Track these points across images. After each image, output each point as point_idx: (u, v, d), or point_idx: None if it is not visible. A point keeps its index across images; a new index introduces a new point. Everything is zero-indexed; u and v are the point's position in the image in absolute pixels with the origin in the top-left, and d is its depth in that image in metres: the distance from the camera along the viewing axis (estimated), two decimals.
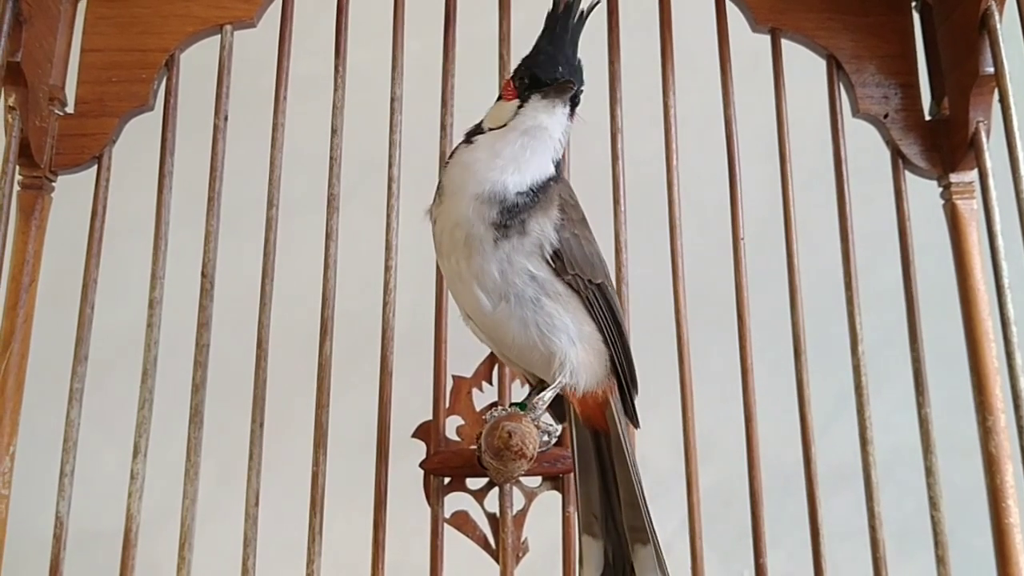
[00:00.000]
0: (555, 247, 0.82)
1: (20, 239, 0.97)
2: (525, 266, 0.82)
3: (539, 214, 0.82)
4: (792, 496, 0.98)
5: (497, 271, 0.81)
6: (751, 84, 1.08)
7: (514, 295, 0.82)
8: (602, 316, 0.85)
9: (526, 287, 0.82)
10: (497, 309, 0.83)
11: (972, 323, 0.98)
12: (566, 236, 0.82)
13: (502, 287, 0.82)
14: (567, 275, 0.83)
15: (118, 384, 1.04)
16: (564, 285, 0.83)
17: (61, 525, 0.93)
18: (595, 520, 0.89)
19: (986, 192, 0.95)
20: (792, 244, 1.02)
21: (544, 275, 0.82)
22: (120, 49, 1.04)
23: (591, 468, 0.89)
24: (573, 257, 0.83)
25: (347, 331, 1.02)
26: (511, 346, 0.85)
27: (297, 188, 1.07)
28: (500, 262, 0.81)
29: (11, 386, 0.94)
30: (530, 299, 0.82)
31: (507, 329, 0.83)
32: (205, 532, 0.96)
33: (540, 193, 0.82)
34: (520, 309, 0.82)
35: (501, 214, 0.81)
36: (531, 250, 0.82)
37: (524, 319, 0.82)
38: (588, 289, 0.84)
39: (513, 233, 0.81)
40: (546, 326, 0.82)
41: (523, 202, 0.81)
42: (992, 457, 0.95)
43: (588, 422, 0.90)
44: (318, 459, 0.96)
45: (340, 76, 1.05)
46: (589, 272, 0.84)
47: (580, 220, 0.85)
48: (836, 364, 1.02)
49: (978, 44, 0.96)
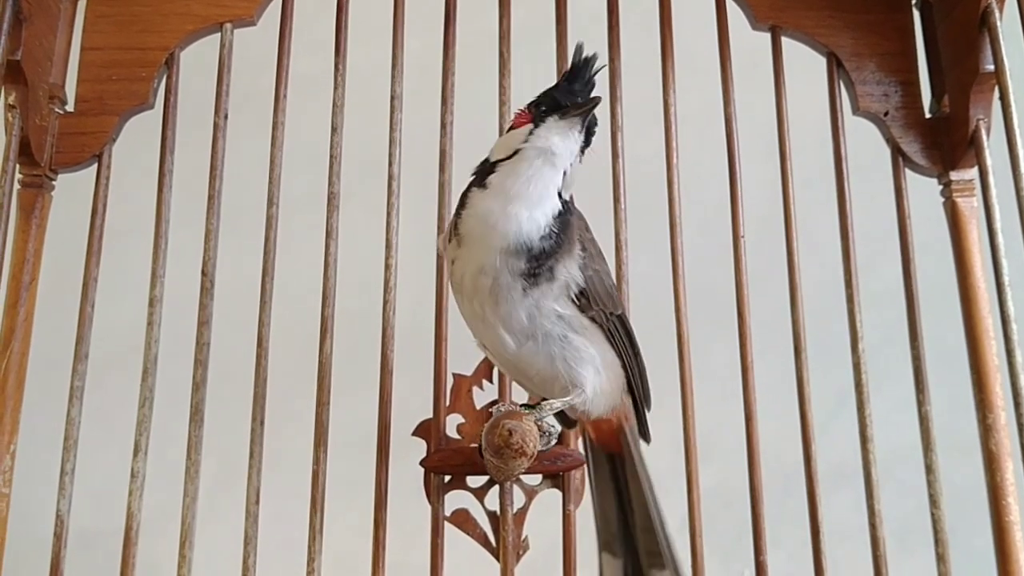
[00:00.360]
0: (581, 287, 0.82)
1: (20, 238, 0.97)
2: (553, 308, 0.82)
3: (565, 257, 0.81)
4: (792, 495, 0.99)
5: (526, 316, 0.81)
6: (751, 82, 1.08)
7: (542, 334, 0.82)
8: (622, 344, 0.86)
9: (553, 327, 0.82)
10: (523, 348, 0.83)
11: (972, 321, 0.98)
12: (589, 274, 0.83)
13: (529, 329, 0.82)
14: (592, 311, 0.83)
15: (118, 382, 1.04)
16: (588, 320, 0.84)
17: (62, 523, 0.93)
18: (613, 539, 0.89)
19: (986, 190, 0.95)
20: (792, 242, 1.02)
21: (571, 313, 0.82)
22: (120, 47, 1.04)
23: (608, 490, 0.90)
24: (596, 294, 0.83)
25: (347, 329, 1.02)
26: (532, 377, 0.86)
27: (297, 187, 1.07)
28: (528, 308, 0.81)
29: (12, 384, 0.94)
30: (557, 336, 0.82)
31: (532, 363, 0.84)
32: (205, 530, 0.96)
33: (562, 233, 0.81)
34: (547, 346, 0.82)
35: (529, 263, 0.80)
36: (559, 293, 0.82)
37: (551, 355, 0.83)
38: (610, 321, 0.85)
39: (543, 280, 0.80)
40: (574, 360, 0.83)
41: (548, 247, 0.80)
42: (992, 455, 0.95)
43: (603, 446, 0.90)
44: (319, 457, 0.96)
45: (340, 74, 1.05)
46: (611, 305, 0.85)
47: (598, 254, 0.86)
48: (836, 362, 1.02)
49: (978, 41, 0.96)
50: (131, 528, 0.94)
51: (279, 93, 1.04)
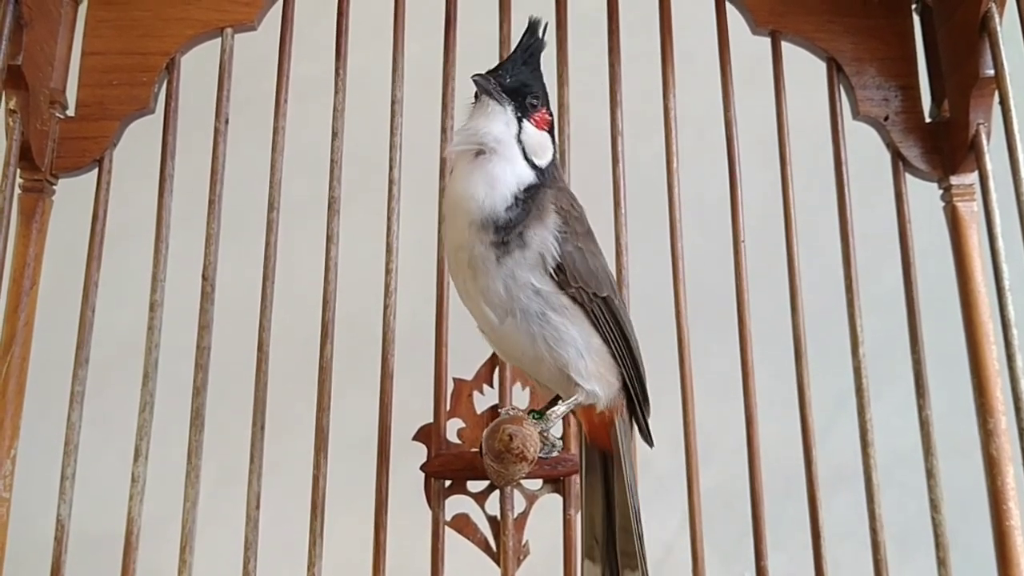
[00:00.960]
0: (558, 260, 0.82)
1: (21, 242, 0.97)
2: (529, 280, 0.82)
3: (535, 224, 0.82)
4: (793, 498, 0.98)
5: (502, 287, 0.82)
6: (749, 86, 1.08)
7: (520, 310, 0.82)
8: (608, 330, 0.85)
9: (531, 302, 0.82)
10: (504, 324, 0.83)
11: (973, 325, 0.98)
12: (568, 249, 0.82)
13: (507, 303, 0.82)
14: (571, 288, 0.83)
15: (118, 387, 1.04)
16: (568, 298, 0.83)
17: (62, 528, 0.93)
18: (596, 544, 0.89)
19: (986, 194, 0.95)
20: (793, 246, 1.02)
21: (548, 288, 0.82)
22: (121, 52, 1.04)
23: (596, 489, 0.89)
24: (576, 270, 0.83)
25: (348, 334, 1.02)
26: (521, 359, 0.86)
27: (298, 191, 1.07)
28: (504, 278, 0.82)
29: (12, 389, 0.94)
30: (535, 313, 0.82)
31: (515, 343, 0.84)
32: (205, 535, 0.95)
33: (529, 201, 0.82)
34: (527, 324, 0.83)
35: (497, 232, 0.81)
36: (534, 263, 0.82)
37: (531, 333, 0.83)
38: (593, 302, 0.84)
39: (514, 248, 0.81)
40: (553, 339, 0.83)
41: (515, 215, 0.81)
42: (993, 459, 0.95)
43: (594, 442, 0.90)
44: (319, 462, 0.96)
45: (341, 79, 1.06)
46: (594, 285, 0.84)
47: (585, 233, 0.85)
48: (836, 366, 1.01)
49: (978, 46, 0.96)
50: (132, 533, 0.94)
51: (280, 98, 1.04)
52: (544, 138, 0.86)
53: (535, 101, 0.86)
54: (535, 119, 0.86)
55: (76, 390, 0.96)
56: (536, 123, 0.86)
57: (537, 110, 0.86)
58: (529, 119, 0.85)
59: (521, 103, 0.85)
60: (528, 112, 0.85)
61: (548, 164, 0.86)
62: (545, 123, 0.87)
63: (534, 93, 0.86)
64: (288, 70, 1.05)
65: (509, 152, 0.84)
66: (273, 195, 1.02)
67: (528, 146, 0.85)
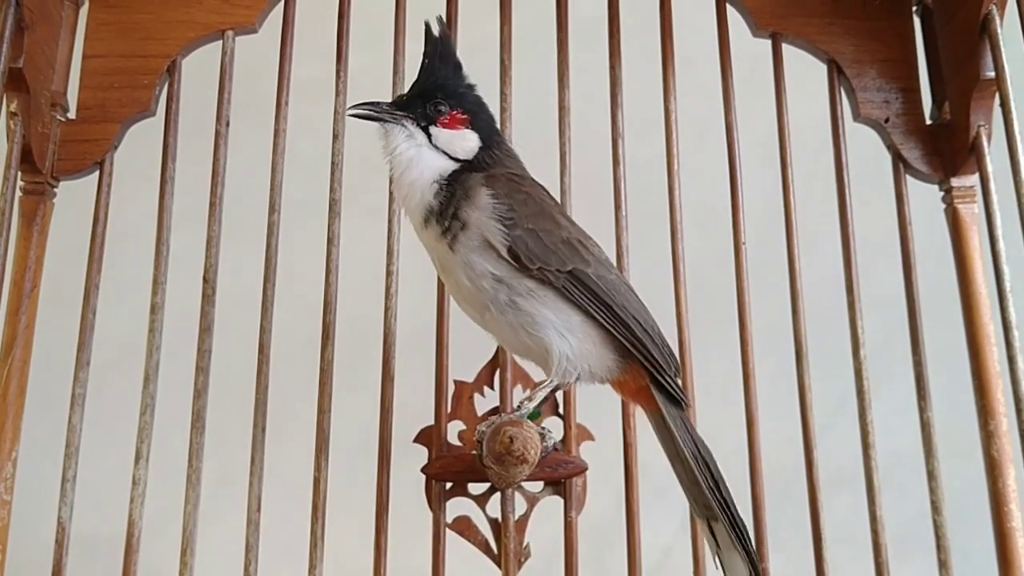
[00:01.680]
0: (507, 244, 0.83)
1: (22, 245, 0.97)
2: (486, 268, 0.84)
3: (464, 203, 0.85)
4: (791, 500, 0.98)
5: (466, 279, 0.85)
6: (748, 88, 1.08)
7: (491, 302, 0.85)
8: (588, 302, 0.84)
9: (497, 292, 0.84)
10: (485, 318, 0.86)
11: (974, 327, 0.98)
12: (518, 233, 0.84)
13: (477, 295, 0.85)
14: (532, 270, 0.84)
15: (118, 389, 1.04)
16: (534, 281, 0.84)
17: (63, 530, 0.93)
18: (692, 501, 0.89)
19: (987, 196, 0.95)
20: (793, 249, 1.02)
21: (507, 275, 0.84)
22: (122, 55, 1.04)
23: (670, 449, 0.89)
24: (532, 252, 0.84)
25: (348, 336, 1.02)
26: (514, 349, 0.89)
27: (298, 193, 1.07)
28: (464, 268, 0.85)
29: (13, 391, 0.94)
30: (505, 304, 0.84)
31: (502, 335, 0.88)
32: (204, 536, 0.95)
33: (454, 184, 0.87)
34: (502, 315, 0.85)
35: (439, 221, 0.86)
36: (481, 246, 0.84)
37: (511, 324, 0.85)
38: (559, 279, 0.84)
39: (456, 230, 0.85)
40: (530, 325, 0.84)
41: (442, 199, 0.87)
42: (994, 461, 0.95)
43: (644, 407, 0.90)
44: (320, 464, 0.96)
45: (342, 81, 1.06)
46: (556, 262, 0.84)
47: (536, 213, 0.86)
48: (833, 368, 1.01)
49: (979, 48, 0.96)
50: (133, 535, 0.94)
51: (280, 100, 1.04)
52: (458, 136, 0.90)
53: (441, 107, 0.90)
54: (442, 122, 0.90)
55: (77, 392, 0.96)
56: (445, 125, 0.90)
57: (444, 114, 0.90)
58: (436, 124, 0.90)
59: (422, 112, 0.90)
60: (433, 118, 0.90)
61: (476, 153, 0.90)
62: (459, 122, 0.91)
63: (436, 99, 0.90)
64: (289, 72, 1.05)
65: (424, 156, 0.89)
66: (274, 197, 1.02)
67: (443, 147, 0.90)
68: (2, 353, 0.94)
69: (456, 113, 0.91)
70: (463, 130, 0.91)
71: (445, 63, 0.92)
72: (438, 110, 0.90)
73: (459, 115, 0.91)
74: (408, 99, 0.92)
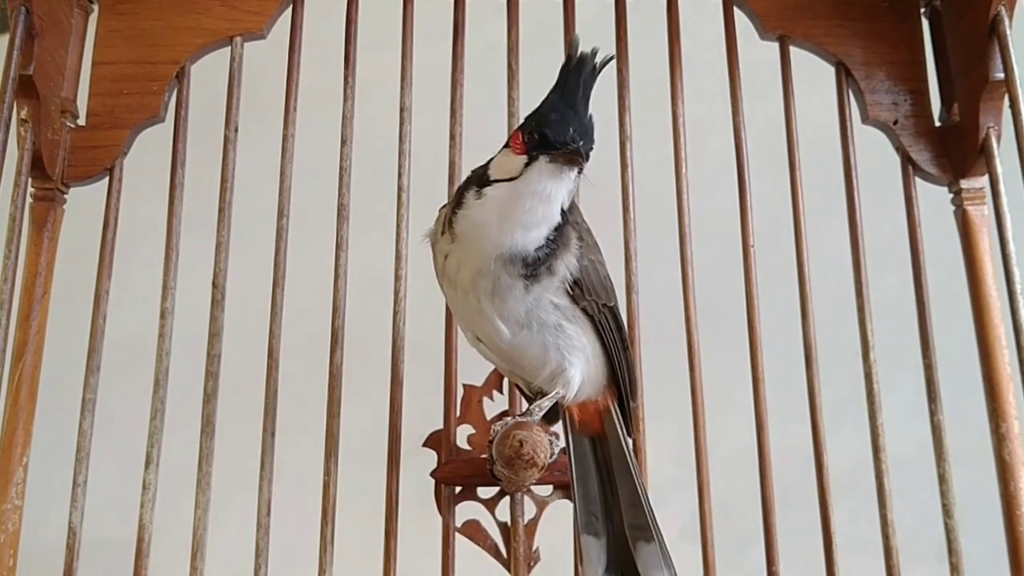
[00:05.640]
0: (576, 276, 0.84)
1: (32, 251, 0.98)
2: (550, 299, 0.84)
3: (562, 253, 0.83)
4: (792, 507, 0.98)
5: (523, 311, 0.84)
6: (748, 93, 1.07)
7: (536, 323, 0.85)
8: (611, 335, 0.88)
9: (548, 315, 0.85)
10: (518, 337, 0.85)
11: (984, 329, 0.97)
12: (584, 264, 0.85)
13: (525, 319, 0.84)
14: (584, 301, 0.86)
15: (125, 393, 1.05)
16: (581, 310, 0.86)
17: (74, 535, 0.93)
18: (595, 519, 0.90)
19: (997, 198, 0.95)
20: (803, 252, 1.02)
21: (565, 303, 0.85)
22: (131, 61, 1.04)
23: (589, 472, 0.91)
24: (591, 283, 0.85)
25: (357, 340, 1.02)
26: (525, 365, 0.88)
27: (307, 198, 1.07)
28: (528, 303, 0.83)
29: (24, 397, 0.95)
30: (552, 325, 0.85)
31: (525, 351, 0.86)
32: (211, 541, 0.95)
33: (558, 239, 0.83)
34: (541, 335, 0.85)
35: (527, 266, 0.82)
36: (558, 286, 0.84)
37: (544, 343, 0.85)
38: (601, 312, 0.87)
39: (543, 277, 0.83)
40: (567, 348, 0.86)
41: (544, 253, 0.82)
42: (1006, 464, 0.94)
43: (584, 429, 0.92)
44: (329, 468, 0.96)
45: (349, 86, 1.06)
46: (604, 297, 0.87)
47: (593, 245, 0.88)
48: (834, 373, 1.01)
49: (988, 50, 0.96)
50: (143, 539, 0.94)
51: (288, 105, 1.05)
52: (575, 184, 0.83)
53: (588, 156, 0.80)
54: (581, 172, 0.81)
55: (87, 398, 0.97)
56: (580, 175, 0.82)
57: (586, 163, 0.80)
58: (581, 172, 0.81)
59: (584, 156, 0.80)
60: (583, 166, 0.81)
61: None
62: None
63: (591, 148, 0.80)
64: (297, 78, 1.06)
65: (556, 206, 0.82)
66: (283, 202, 1.02)
67: (571, 195, 0.84)
68: (13, 358, 0.94)
69: None
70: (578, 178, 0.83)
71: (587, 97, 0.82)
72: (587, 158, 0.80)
73: None
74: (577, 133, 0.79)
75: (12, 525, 0.92)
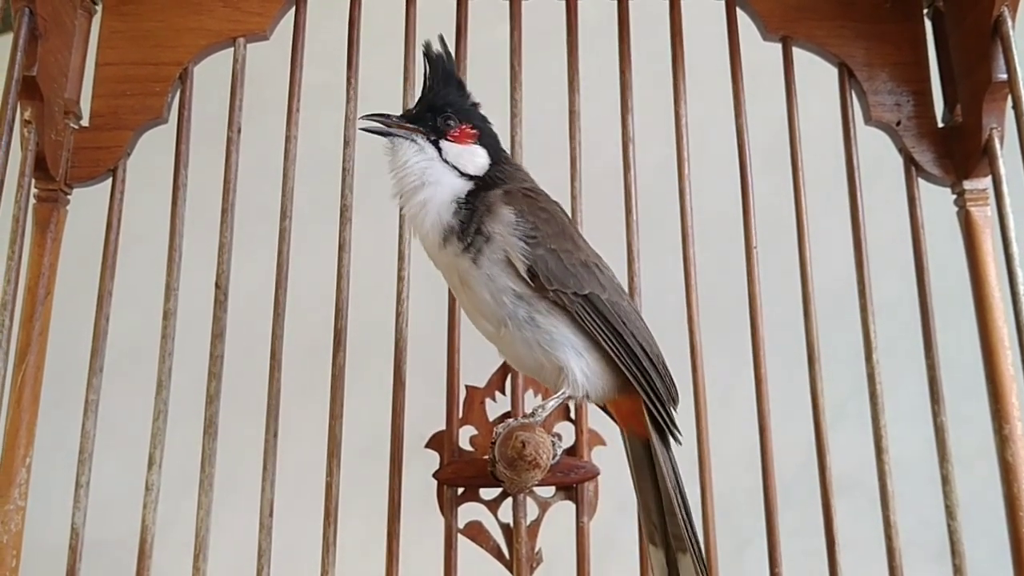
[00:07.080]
0: (528, 264, 0.84)
1: (36, 252, 0.98)
2: (507, 284, 0.84)
3: (487, 218, 0.85)
4: (790, 507, 0.97)
5: (488, 294, 0.85)
6: (748, 94, 1.07)
7: (509, 317, 0.85)
8: (596, 328, 0.85)
9: (517, 308, 0.85)
10: (501, 333, 0.86)
11: (987, 330, 0.97)
12: (540, 253, 0.84)
13: (497, 310, 0.85)
14: (548, 291, 0.84)
15: (128, 394, 1.05)
16: (549, 302, 0.85)
17: (77, 536, 0.93)
18: (655, 530, 0.89)
19: (1000, 199, 0.95)
20: (805, 253, 1.02)
21: (527, 293, 0.85)
22: (134, 63, 1.05)
23: (646, 477, 0.90)
24: (551, 272, 0.84)
25: (360, 341, 1.02)
26: (524, 367, 0.89)
27: (310, 199, 1.07)
28: (486, 283, 0.85)
29: (27, 398, 0.95)
30: (524, 320, 0.85)
31: (515, 350, 0.87)
32: (213, 541, 0.95)
33: (473, 202, 0.87)
34: (519, 331, 0.85)
35: (460, 238, 0.85)
36: (504, 262, 0.84)
37: (527, 340, 0.85)
38: (574, 303, 0.85)
39: (480, 242, 0.85)
40: (547, 343, 0.85)
41: (462, 217, 0.86)
42: (1009, 465, 0.94)
43: (631, 431, 0.91)
44: (331, 469, 0.96)
45: (352, 87, 1.06)
46: (573, 285, 0.85)
47: (557, 232, 0.87)
48: (837, 374, 1.01)
49: (991, 50, 0.96)
50: (145, 540, 0.94)
51: (291, 106, 1.05)
52: (468, 151, 0.90)
53: (450, 121, 0.90)
54: (452, 136, 0.90)
55: (90, 399, 0.97)
56: (455, 139, 0.90)
57: (452, 129, 0.90)
58: (446, 138, 0.90)
59: (432, 126, 0.90)
60: (444, 132, 0.90)
61: (487, 170, 0.90)
62: (468, 136, 0.91)
63: (446, 114, 0.90)
64: (300, 79, 1.06)
65: (435, 171, 0.89)
66: (285, 203, 1.02)
67: (453, 161, 0.89)
68: (16, 359, 0.94)
69: (466, 128, 0.91)
70: (473, 145, 0.91)
71: (448, 80, 0.92)
72: (448, 124, 0.90)
73: (468, 130, 0.91)
74: (417, 113, 0.91)
75: (15, 526, 0.92)
